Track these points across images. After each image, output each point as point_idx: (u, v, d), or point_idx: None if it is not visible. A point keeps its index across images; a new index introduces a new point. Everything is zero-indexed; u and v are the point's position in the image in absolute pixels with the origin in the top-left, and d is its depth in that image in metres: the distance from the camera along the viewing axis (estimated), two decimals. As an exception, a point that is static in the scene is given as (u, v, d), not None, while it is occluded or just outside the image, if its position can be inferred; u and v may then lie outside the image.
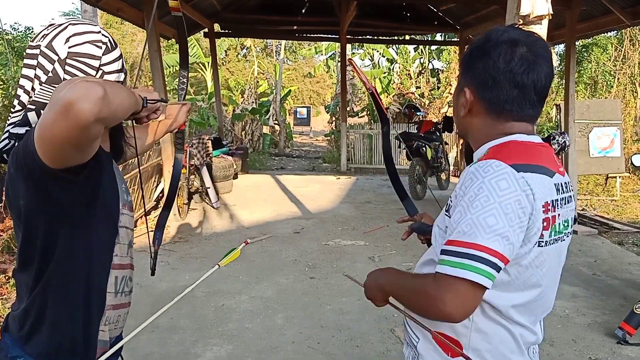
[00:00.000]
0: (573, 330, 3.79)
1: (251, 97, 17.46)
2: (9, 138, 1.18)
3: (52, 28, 1.21)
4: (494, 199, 1.04)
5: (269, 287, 4.52)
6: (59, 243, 1.18)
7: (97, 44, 1.21)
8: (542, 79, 1.17)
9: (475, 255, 1.02)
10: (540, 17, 2.93)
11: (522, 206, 1.05)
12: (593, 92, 13.39)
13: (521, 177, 1.06)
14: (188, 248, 5.61)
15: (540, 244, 1.12)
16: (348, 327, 3.77)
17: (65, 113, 0.94)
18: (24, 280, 1.23)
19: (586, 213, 7.68)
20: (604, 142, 8.83)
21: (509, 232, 1.03)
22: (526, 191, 1.06)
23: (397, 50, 17.79)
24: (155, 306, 4.01)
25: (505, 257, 1.04)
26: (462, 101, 1.24)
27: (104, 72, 1.23)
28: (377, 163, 11.87)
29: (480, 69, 1.19)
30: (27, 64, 1.19)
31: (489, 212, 1.04)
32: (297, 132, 22.74)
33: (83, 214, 1.20)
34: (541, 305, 1.23)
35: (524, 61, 1.15)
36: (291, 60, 30.17)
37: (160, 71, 6.80)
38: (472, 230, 1.04)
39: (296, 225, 6.68)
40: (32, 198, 1.14)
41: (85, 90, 0.94)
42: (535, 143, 1.18)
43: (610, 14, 7.04)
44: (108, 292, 1.29)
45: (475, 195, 1.06)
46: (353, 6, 9.82)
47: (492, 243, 1.02)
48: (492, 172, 1.07)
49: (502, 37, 1.19)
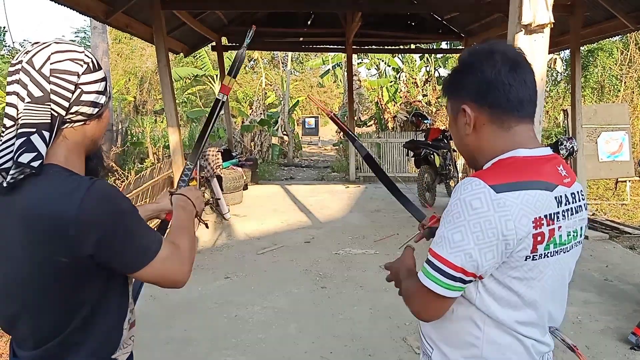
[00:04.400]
0: (586, 336, 3.79)
1: (259, 109, 17.56)
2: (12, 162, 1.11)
3: (36, 46, 1.18)
4: (464, 217, 1.11)
5: (281, 297, 4.56)
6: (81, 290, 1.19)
7: (78, 62, 1.19)
8: (528, 74, 1.23)
9: (438, 266, 1.14)
10: (542, 25, 2.96)
11: (493, 227, 1.09)
12: (600, 96, 13.34)
13: (498, 199, 1.10)
14: (200, 259, 5.66)
15: (534, 258, 1.15)
16: (360, 337, 3.79)
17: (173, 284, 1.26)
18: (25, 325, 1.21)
19: (597, 218, 7.65)
20: (613, 147, 8.80)
21: (472, 250, 1.10)
22: (499, 212, 1.09)
23: (403, 59, 17.85)
24: (169, 318, 4.06)
25: (467, 270, 1.12)
26: (463, 121, 1.27)
27: (82, 92, 1.19)
28: (386, 171, 11.89)
29: (471, 81, 1.24)
30: (10, 80, 1.17)
31: (456, 229, 1.12)
32: (305, 142, 22.81)
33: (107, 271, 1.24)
34: (548, 319, 1.25)
35: (506, 61, 1.21)
36: (298, 71, 30.33)
37: (170, 85, 6.90)
38: (441, 242, 1.15)
39: (306, 235, 6.72)
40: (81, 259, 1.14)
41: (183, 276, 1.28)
42: (537, 157, 1.20)
43: (614, 19, 7.05)
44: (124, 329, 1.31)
45: (450, 210, 1.15)
46: (358, 17, 9.90)
47: (454, 258, 1.12)
48: (469, 191, 1.13)
49: (476, 51, 1.27)
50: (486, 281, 1.17)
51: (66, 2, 5.68)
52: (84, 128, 1.22)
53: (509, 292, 1.17)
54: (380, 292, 4.61)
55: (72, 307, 1.18)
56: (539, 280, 1.18)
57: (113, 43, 18.50)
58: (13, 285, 1.18)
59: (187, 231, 1.38)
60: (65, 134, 1.19)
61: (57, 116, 1.16)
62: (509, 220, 1.10)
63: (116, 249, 1.15)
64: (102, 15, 6.48)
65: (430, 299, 1.18)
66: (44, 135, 1.13)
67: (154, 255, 1.20)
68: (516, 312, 1.19)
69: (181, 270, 1.27)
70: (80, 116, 1.20)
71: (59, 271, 1.13)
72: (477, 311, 1.20)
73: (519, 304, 1.18)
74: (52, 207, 1.10)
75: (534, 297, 1.19)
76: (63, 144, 1.19)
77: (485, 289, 1.18)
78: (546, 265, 1.18)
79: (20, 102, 1.14)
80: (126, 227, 1.16)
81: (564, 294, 1.29)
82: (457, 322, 1.24)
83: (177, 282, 1.26)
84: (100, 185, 1.14)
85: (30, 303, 1.18)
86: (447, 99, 1.34)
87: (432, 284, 1.15)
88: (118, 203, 1.16)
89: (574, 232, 1.22)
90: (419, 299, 1.22)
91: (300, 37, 11.98)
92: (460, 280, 1.14)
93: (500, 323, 1.19)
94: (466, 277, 1.13)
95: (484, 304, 1.19)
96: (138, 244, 1.18)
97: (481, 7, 8.66)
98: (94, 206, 1.11)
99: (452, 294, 1.16)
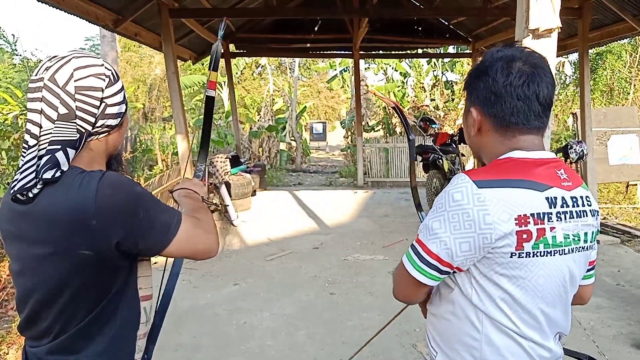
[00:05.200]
0: (598, 342, 3.75)
1: (267, 115, 17.65)
2: (36, 177, 1.13)
3: (55, 60, 1.19)
4: (445, 208, 1.17)
5: (289, 304, 4.55)
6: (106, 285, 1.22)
7: (100, 77, 1.21)
8: (543, 89, 1.21)
9: (417, 250, 1.21)
10: (549, 30, 2.96)
11: (470, 219, 1.14)
12: (610, 99, 13.26)
13: (479, 193, 1.14)
14: (209, 266, 5.68)
15: (520, 255, 1.16)
16: (370, 343, 3.77)
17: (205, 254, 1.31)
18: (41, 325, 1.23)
19: (608, 222, 7.59)
20: (623, 150, 8.74)
21: (448, 238, 1.16)
22: (478, 206, 1.13)
23: (410, 64, 17.85)
24: (178, 324, 4.07)
25: (442, 259, 1.17)
26: (470, 121, 1.30)
27: (106, 105, 1.22)
28: (393, 176, 11.88)
29: (482, 88, 1.25)
30: (32, 97, 1.17)
31: (436, 218, 1.19)
32: (313, 147, 22.87)
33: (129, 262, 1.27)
34: (548, 323, 1.24)
35: (522, 74, 1.20)
36: (305, 76, 30.41)
37: (178, 92, 6.95)
38: (423, 229, 1.21)
39: (315, 241, 6.72)
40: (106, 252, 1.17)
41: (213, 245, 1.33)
42: (532, 159, 1.21)
43: (622, 22, 7.03)
44: (141, 323, 1.33)
45: (436, 200, 1.22)
46: (365, 22, 9.92)
47: (431, 244, 1.18)
48: (454, 184, 1.18)
49: (497, 55, 1.25)
50: (479, 278, 1.20)
51: (76, 12, 5.75)
52: (107, 138, 1.27)
53: (499, 289, 1.19)
54: (389, 298, 4.57)
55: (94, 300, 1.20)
56: (529, 280, 1.18)
57: (122, 51, 18.64)
58: (39, 284, 1.20)
59: (202, 209, 1.40)
60: (91, 146, 1.24)
61: (84, 132, 1.19)
62: (487, 214, 1.13)
63: (141, 231, 1.18)
64: (111, 24, 6.55)
65: (406, 280, 1.24)
66: (67, 152, 1.16)
67: (176, 230, 1.22)
68: (510, 311, 1.20)
69: (209, 239, 1.30)
70: (106, 128, 1.24)
71: (83, 265, 1.16)
72: (475, 310, 1.21)
73: (511, 303, 1.19)
74: (70, 203, 1.13)
75: (526, 297, 1.19)
76: (87, 153, 1.23)
77: (479, 285, 1.20)
78: (536, 264, 1.18)
79: (46, 121, 1.16)
80: (145, 208, 1.19)
81: (565, 298, 1.26)
82: (457, 323, 1.25)
83: (208, 252, 1.30)
84: (111, 175, 1.18)
85: (54, 299, 1.20)
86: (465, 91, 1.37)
87: (410, 266, 1.22)
88: (132, 187, 1.19)
89: (575, 236, 1.22)
90: (398, 278, 1.30)
91: (307, 43, 12.03)
92: (435, 269, 1.19)
93: (497, 323, 1.20)
94: (441, 266, 1.18)
95: (480, 301, 1.20)
96: (160, 222, 1.21)
97: (488, 11, 8.65)
98: (110, 194, 1.14)
99: (426, 281, 1.21)
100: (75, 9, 5.71)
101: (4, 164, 5.94)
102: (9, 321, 4.19)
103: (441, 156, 8.13)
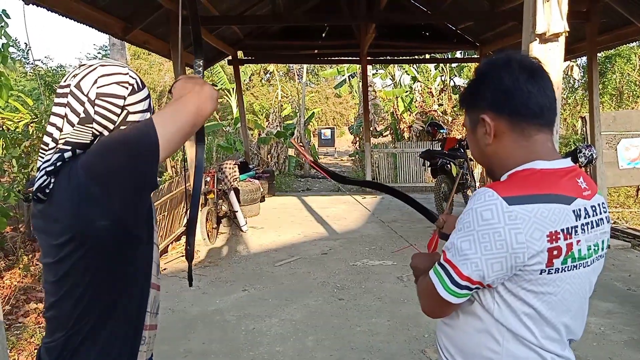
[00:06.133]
0: (609, 347, 3.72)
1: (276, 121, 17.69)
2: (46, 175, 1.19)
3: (83, 68, 1.25)
4: (474, 227, 1.12)
5: (298, 310, 4.56)
6: (124, 264, 1.23)
7: (124, 85, 1.26)
8: (546, 82, 1.22)
9: (448, 270, 1.17)
10: (556, 34, 2.95)
11: (502, 239, 1.09)
12: (619, 102, 13.18)
13: (510, 211, 1.09)
14: (218, 272, 5.69)
15: (549, 272, 1.13)
16: (378, 349, 3.77)
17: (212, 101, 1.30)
18: (63, 311, 1.24)
19: (618, 226, 7.53)
20: (633, 153, 8.66)
21: (479, 260, 1.11)
22: (510, 225, 1.09)
23: (418, 69, 17.85)
24: (187, 330, 4.08)
25: (473, 279, 1.14)
26: (482, 132, 1.26)
27: (128, 112, 1.27)
28: (402, 182, 11.86)
29: (489, 92, 1.23)
30: (58, 102, 1.23)
31: (465, 238, 1.13)
32: (322, 153, 22.89)
33: (144, 232, 1.27)
34: (567, 333, 1.23)
35: (524, 70, 1.20)
36: (314, 82, 30.49)
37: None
38: (451, 249, 1.16)
39: (323, 246, 6.72)
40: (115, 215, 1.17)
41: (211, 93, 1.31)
42: (555, 170, 1.19)
43: (632, 25, 6.99)
44: (147, 312, 1.32)
45: (462, 219, 1.16)
46: (372, 28, 9.95)
47: (461, 265, 1.14)
48: (482, 202, 1.13)
49: (493, 61, 1.26)
50: (503, 293, 1.16)
51: (85, 21, 5.81)
52: None
53: (524, 305, 1.16)
54: (398, 304, 4.59)
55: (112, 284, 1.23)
56: (555, 295, 1.16)
57: (132, 59, 18.81)
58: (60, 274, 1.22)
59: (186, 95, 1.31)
60: None
61: (99, 135, 1.23)
62: (520, 233, 1.09)
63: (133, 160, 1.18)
64: (120, 33, 6.62)
65: (435, 299, 1.20)
66: (76, 153, 1.21)
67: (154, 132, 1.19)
68: (534, 325, 1.17)
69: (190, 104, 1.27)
70: None
71: (103, 243, 1.19)
72: (496, 324, 1.18)
73: (537, 318, 1.17)
74: (72, 183, 1.17)
75: (552, 312, 1.17)
76: None
77: (502, 300, 1.17)
78: (563, 279, 1.16)
79: (67, 125, 1.22)
80: (123, 143, 1.20)
81: (584, 308, 1.26)
82: (476, 336, 1.22)
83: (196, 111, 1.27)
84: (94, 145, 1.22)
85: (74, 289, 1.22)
86: (465, 112, 1.33)
87: (440, 287, 1.18)
88: (105, 143, 1.21)
89: (595, 246, 1.20)
90: (426, 294, 1.26)
91: (315, 49, 12.07)
92: (466, 288, 1.15)
93: (520, 337, 1.17)
94: (472, 285, 1.15)
95: (502, 315, 1.17)
96: (137, 141, 1.20)
97: (495, 16, 8.64)
98: (91, 157, 1.18)
99: (457, 301, 1.18)
100: (85, 18, 5.77)
101: (15, 172, 6.00)
102: (19, 328, 4.22)
103: (449, 161, 8.11)
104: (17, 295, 4.79)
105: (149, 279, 1.32)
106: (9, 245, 5.75)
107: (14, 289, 4.89)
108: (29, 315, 4.46)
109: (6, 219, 4.27)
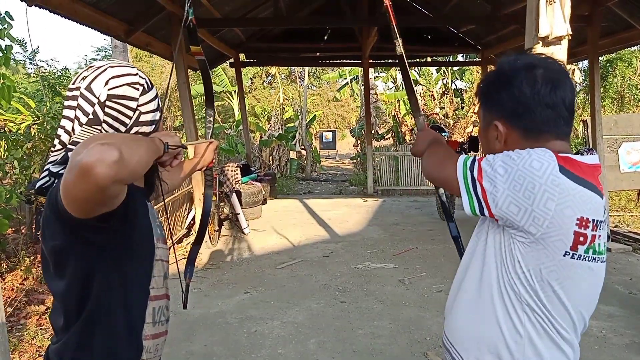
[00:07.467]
0: (611, 351, 3.71)
1: (277, 123, 17.73)
2: (49, 175, 1.20)
3: (92, 70, 1.24)
4: (518, 165, 1.11)
5: (300, 312, 4.55)
6: (95, 281, 1.19)
7: (135, 86, 1.25)
8: (568, 94, 1.20)
9: (474, 166, 1.17)
10: (559, 37, 2.95)
11: (532, 193, 1.09)
12: (620, 106, 13.18)
13: (557, 177, 1.09)
14: (220, 274, 5.70)
15: (573, 256, 1.13)
16: (381, 351, 3.77)
17: (82, 177, 0.96)
18: (60, 318, 1.24)
19: (619, 230, 7.52)
20: (634, 157, 8.64)
21: (502, 191, 1.12)
22: (548, 188, 1.08)
23: (420, 72, 17.87)
24: (189, 333, 4.08)
25: (487, 196, 1.14)
26: (494, 135, 1.26)
27: (141, 112, 1.27)
28: (403, 185, 11.85)
29: (506, 100, 1.21)
30: (68, 105, 1.22)
31: (505, 165, 1.12)
32: (323, 155, 22.89)
33: (118, 253, 1.21)
34: (583, 326, 1.24)
35: (547, 81, 1.17)
36: (315, 85, 30.51)
37: (189, 101, 7.01)
38: (490, 160, 1.15)
39: (325, 249, 6.72)
40: (66, 239, 1.14)
41: (100, 154, 0.95)
42: (589, 164, 1.18)
43: (633, 29, 7.00)
44: (147, 323, 1.31)
45: (514, 152, 1.14)
46: (374, 31, 9.97)
47: (485, 180, 1.14)
48: (540, 154, 1.12)
49: (517, 64, 1.22)
50: (528, 274, 1.16)
51: (88, 23, 5.83)
52: None
53: (549, 289, 1.15)
54: (400, 307, 4.58)
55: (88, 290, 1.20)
56: (575, 282, 1.16)
57: (134, 61, 18.85)
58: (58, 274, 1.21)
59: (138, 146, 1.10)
60: None
61: None
62: (551, 200, 1.09)
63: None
64: (122, 35, 6.64)
65: (451, 178, 1.21)
66: None
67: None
68: (555, 313, 1.17)
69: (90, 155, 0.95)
70: (141, 135, 1.27)
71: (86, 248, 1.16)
72: (517, 312, 1.18)
73: (557, 304, 1.17)
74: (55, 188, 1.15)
75: (569, 301, 1.17)
76: None
77: (528, 283, 1.16)
78: (584, 268, 1.16)
79: (78, 127, 1.21)
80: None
81: (595, 305, 1.27)
82: (496, 325, 1.22)
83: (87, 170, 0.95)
84: None
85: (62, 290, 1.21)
86: (479, 104, 1.32)
87: (461, 171, 1.19)
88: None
89: (604, 245, 1.21)
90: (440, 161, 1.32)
91: (317, 52, 12.09)
92: (476, 197, 1.16)
93: (540, 327, 1.18)
94: (483, 201, 1.15)
95: (524, 300, 1.17)
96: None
97: (497, 19, 8.66)
98: None
99: (465, 196, 1.18)
100: (87, 20, 5.79)
101: (17, 173, 6.00)
102: (21, 329, 4.23)
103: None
104: (19, 297, 4.79)
105: (127, 296, 1.26)
106: (10, 247, 5.75)
107: (16, 291, 4.89)
108: (30, 317, 4.46)
109: (8, 220, 4.27)
